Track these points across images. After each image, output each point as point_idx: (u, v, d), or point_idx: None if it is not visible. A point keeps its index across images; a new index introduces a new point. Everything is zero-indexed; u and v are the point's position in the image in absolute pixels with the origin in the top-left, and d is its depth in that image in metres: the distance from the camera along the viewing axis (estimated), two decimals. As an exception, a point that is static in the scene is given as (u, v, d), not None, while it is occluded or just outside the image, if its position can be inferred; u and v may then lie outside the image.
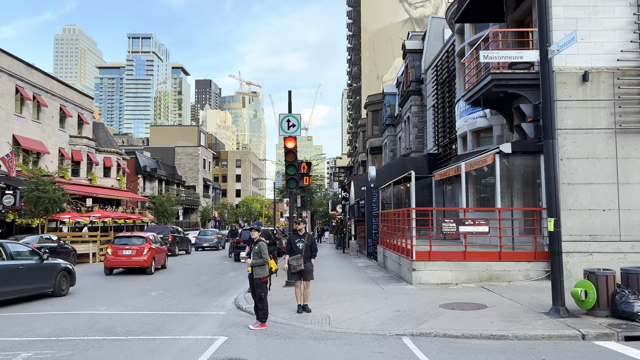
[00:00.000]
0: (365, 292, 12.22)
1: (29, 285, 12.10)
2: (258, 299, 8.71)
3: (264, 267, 8.79)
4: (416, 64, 29.95)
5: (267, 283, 8.87)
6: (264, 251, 8.77)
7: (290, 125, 13.79)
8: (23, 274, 11.88)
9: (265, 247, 8.84)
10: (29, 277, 12.08)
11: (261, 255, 8.73)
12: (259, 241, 8.96)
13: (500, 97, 14.58)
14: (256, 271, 8.77)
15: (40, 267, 12.58)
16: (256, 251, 8.83)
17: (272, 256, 12.48)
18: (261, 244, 8.85)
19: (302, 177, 13.70)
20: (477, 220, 12.90)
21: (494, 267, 12.88)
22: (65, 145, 40.03)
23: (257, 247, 8.85)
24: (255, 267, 8.77)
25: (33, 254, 12.78)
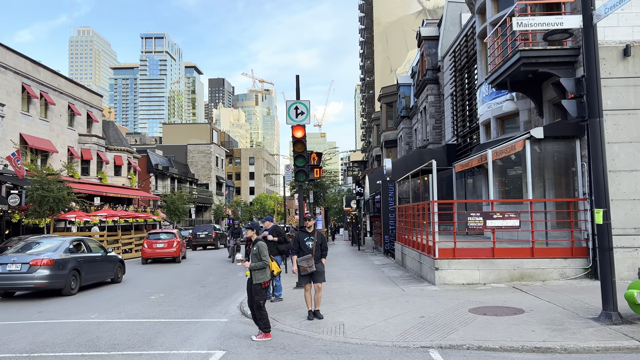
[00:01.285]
0: (384, 294, 11.06)
1: (100, 273, 15.10)
2: (256, 307, 7.62)
3: (264, 270, 7.69)
4: (432, 52, 28.59)
5: (267, 289, 7.78)
6: (263, 252, 7.67)
7: (299, 113, 12.66)
8: (98, 263, 14.98)
9: (265, 248, 7.74)
10: (101, 266, 15.11)
11: (261, 258, 7.63)
12: (257, 241, 7.87)
13: (529, 78, 13.28)
14: (256, 275, 7.67)
15: (106, 258, 15.52)
16: (255, 253, 7.73)
17: (283, 257, 11.35)
18: (260, 245, 7.75)
19: (312, 169, 12.56)
20: (506, 214, 11.64)
21: (526, 265, 11.63)
22: (75, 144, 39.42)
23: (256, 248, 7.76)
24: (254, 271, 7.68)
25: (100, 248, 15.69)
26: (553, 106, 13.57)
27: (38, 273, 12.56)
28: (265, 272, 7.68)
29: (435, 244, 11.83)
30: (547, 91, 13.66)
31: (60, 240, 14.48)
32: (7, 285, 12.68)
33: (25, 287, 12.81)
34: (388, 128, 42.76)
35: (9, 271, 12.61)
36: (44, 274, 12.61)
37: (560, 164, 13.21)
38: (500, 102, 15.72)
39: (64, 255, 13.48)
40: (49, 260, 12.82)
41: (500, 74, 13.36)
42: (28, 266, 12.62)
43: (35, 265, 12.62)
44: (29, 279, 12.52)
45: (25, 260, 12.73)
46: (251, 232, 7.97)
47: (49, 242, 14.31)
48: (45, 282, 12.65)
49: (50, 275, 12.70)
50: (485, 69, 17.57)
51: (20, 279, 12.57)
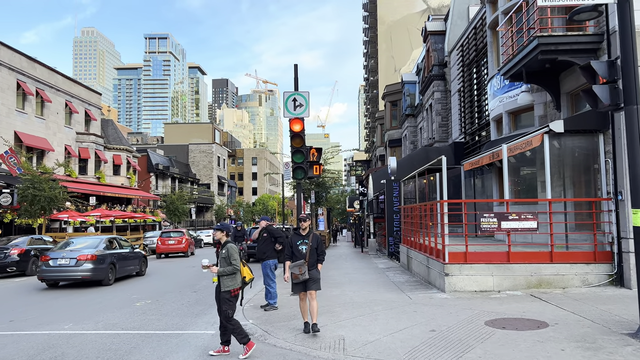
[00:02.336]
0: (389, 302, 10.08)
1: (130, 267, 17.13)
2: (224, 317, 6.71)
3: (234, 277, 6.78)
4: (438, 47, 27.60)
5: (237, 297, 6.86)
6: (233, 256, 6.75)
7: (297, 105, 11.72)
8: (128, 258, 17.07)
9: (235, 251, 6.82)
10: (130, 261, 17.17)
11: (230, 262, 6.73)
12: (227, 244, 6.94)
13: (546, 68, 12.29)
14: (224, 282, 6.76)
15: (133, 254, 17.57)
16: (224, 256, 6.81)
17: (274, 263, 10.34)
18: (230, 247, 6.83)
19: (311, 166, 11.61)
20: (522, 214, 10.65)
21: (544, 271, 10.63)
22: (72, 143, 38.63)
23: (225, 251, 6.83)
24: (222, 278, 6.77)
25: (128, 245, 17.84)
26: (583, 93, 12.60)
27: (84, 266, 14.65)
28: (235, 279, 6.76)
29: (445, 247, 10.85)
30: (565, 82, 12.67)
31: (99, 238, 16.65)
32: (59, 276, 14.79)
33: (74, 278, 14.76)
34: (392, 127, 41.76)
35: (59, 265, 14.67)
36: (89, 267, 14.68)
37: (580, 160, 12.22)
38: (513, 96, 14.72)
39: (102, 251, 15.49)
40: (92, 256, 14.88)
41: (514, 64, 12.38)
42: (75, 260, 14.70)
43: (81, 259, 14.71)
44: (76, 271, 14.61)
45: (73, 256, 14.79)
46: (220, 234, 7.01)
47: (87, 240, 16.63)
48: (89, 274, 14.66)
49: (93, 269, 14.75)
50: (497, 61, 16.58)
51: (70, 272, 14.63)
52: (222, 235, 6.99)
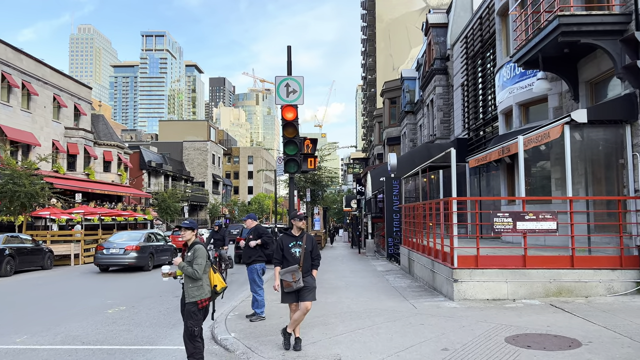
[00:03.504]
0: (391, 312, 8.93)
1: (164, 257, 20.27)
2: (188, 335, 5.59)
3: (200, 285, 5.65)
4: (440, 40, 26.50)
5: (206, 311, 5.73)
6: (197, 259, 5.61)
7: (290, 91, 10.56)
8: (163, 250, 20.57)
9: (202, 254, 5.67)
10: (163, 252, 20.48)
11: (192, 265, 5.61)
12: (194, 245, 5.79)
13: (564, 54, 11.19)
14: (189, 292, 5.64)
15: (167, 246, 21.16)
16: (189, 260, 5.67)
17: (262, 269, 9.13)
18: (197, 249, 5.70)
19: (305, 158, 10.44)
20: (540, 214, 9.53)
21: (565, 277, 9.51)
22: (60, 138, 37.33)
23: (192, 253, 5.69)
24: (187, 286, 5.66)
25: (163, 239, 21.37)
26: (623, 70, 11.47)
27: (130, 255, 18.21)
28: (202, 288, 5.63)
29: (454, 250, 9.72)
30: (584, 70, 11.56)
31: (140, 233, 20.36)
32: (110, 262, 18.40)
33: (122, 264, 18.30)
34: (391, 124, 40.68)
35: (111, 253, 18.24)
36: (134, 256, 18.23)
37: (604, 155, 11.10)
38: (525, 86, 13.61)
39: (143, 243, 18.97)
40: (136, 246, 18.47)
41: (529, 49, 11.26)
42: (124, 250, 18.24)
43: (128, 249, 18.24)
44: (124, 258, 18.14)
45: (122, 246, 18.35)
46: (190, 234, 5.84)
47: (131, 234, 20.49)
48: (134, 261, 18.22)
49: (137, 257, 18.29)
50: (505, 50, 15.47)
51: (119, 259, 18.19)
52: (192, 235, 5.83)
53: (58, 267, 21.12)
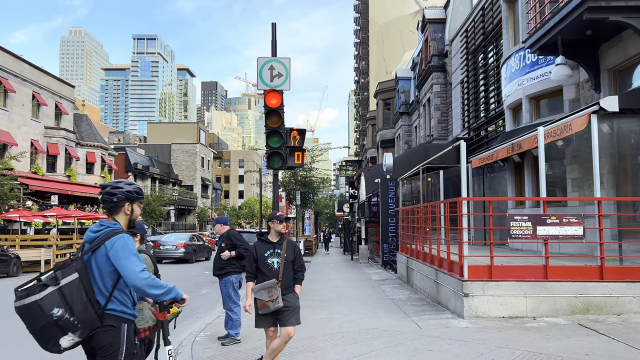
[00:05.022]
0: (392, 333, 7.52)
1: (200, 254, 26.04)
2: None
3: (139, 309, 4.19)
4: (438, 36, 25.27)
5: (148, 344, 4.30)
6: None
7: (275, 74, 9.17)
8: (202, 248, 26.51)
9: (149, 266, 4.26)
10: (202, 250, 26.38)
11: None
12: None
13: (586, 36, 9.92)
14: None
15: (204, 246, 27.16)
16: None
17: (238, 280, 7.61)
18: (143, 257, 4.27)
19: (292, 152, 9.04)
20: (565, 217, 8.19)
21: (593, 291, 8.16)
22: (40, 137, 35.65)
23: None
24: None
25: (201, 239, 27.71)
26: (616, 76, 10.21)
27: (180, 250, 24.06)
28: (142, 313, 4.22)
29: (464, 258, 8.34)
30: (607, 56, 10.28)
31: (186, 234, 27.03)
32: (165, 255, 23.86)
33: (174, 257, 24.07)
34: (385, 126, 39.40)
35: (166, 249, 23.95)
36: (183, 251, 24.07)
37: (636, 149, 9.78)
38: (537, 77, 12.31)
39: (188, 242, 24.79)
40: (184, 244, 24.33)
41: (547, 31, 9.96)
42: (175, 246, 24.04)
43: (179, 246, 24.03)
44: (176, 253, 24.00)
45: (174, 243, 24.22)
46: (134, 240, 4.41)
47: (179, 235, 27.80)
48: (183, 255, 24.00)
49: (185, 252, 24.07)
50: (513, 39, 14.20)
51: (172, 253, 23.99)
52: (135, 242, 4.39)
53: (27, 273, 19.53)
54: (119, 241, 3.07)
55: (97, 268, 3.08)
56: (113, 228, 3.15)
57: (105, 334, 3.03)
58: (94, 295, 3.03)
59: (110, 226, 3.16)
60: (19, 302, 2.92)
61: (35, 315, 2.89)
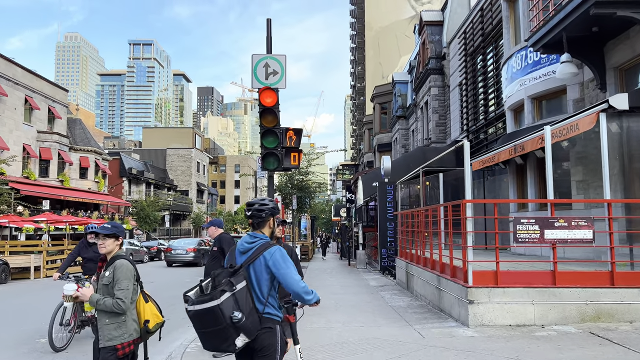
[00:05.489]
0: (394, 343, 7.13)
1: None
2: None
3: (122, 321, 3.81)
4: (435, 39, 25.01)
5: (134, 355, 3.93)
6: (121, 282, 3.80)
7: (270, 72, 8.80)
8: None
9: (128, 274, 3.87)
10: None
11: (114, 292, 3.80)
12: (116, 260, 3.94)
13: (592, 33, 9.60)
14: (105, 332, 3.78)
15: None
16: (106, 282, 3.85)
17: None
18: (120, 267, 3.87)
19: (287, 153, 8.65)
20: (573, 220, 7.82)
21: (604, 297, 7.78)
22: (32, 142, 35.18)
23: (111, 272, 3.86)
24: (102, 321, 3.79)
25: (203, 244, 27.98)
26: (622, 74, 9.88)
27: (190, 254, 25.96)
28: (126, 325, 3.81)
29: (468, 264, 7.96)
30: (613, 54, 9.96)
31: (196, 240, 28.59)
32: (176, 259, 26.09)
33: (184, 261, 26.00)
34: (382, 130, 39.11)
35: (177, 253, 26.08)
36: (192, 255, 25.91)
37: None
38: (540, 77, 12.00)
39: (197, 247, 26.62)
40: (194, 249, 26.32)
41: (551, 28, 9.64)
42: (186, 251, 26.05)
43: (189, 251, 25.84)
44: (186, 257, 25.93)
45: (184, 248, 26.29)
46: (111, 244, 3.98)
47: (189, 240, 29.45)
48: (192, 259, 25.72)
49: (195, 256, 25.86)
50: (514, 38, 13.89)
51: (182, 257, 25.98)
52: (115, 246, 4.00)
53: (17, 280, 19.06)
54: (277, 252, 3.42)
55: (255, 276, 3.42)
56: (266, 240, 3.51)
57: (265, 336, 3.39)
58: (253, 300, 3.37)
59: (262, 238, 3.51)
60: (199, 306, 3.22)
61: (216, 318, 3.17)
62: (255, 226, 3.58)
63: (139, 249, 31.47)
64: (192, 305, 3.26)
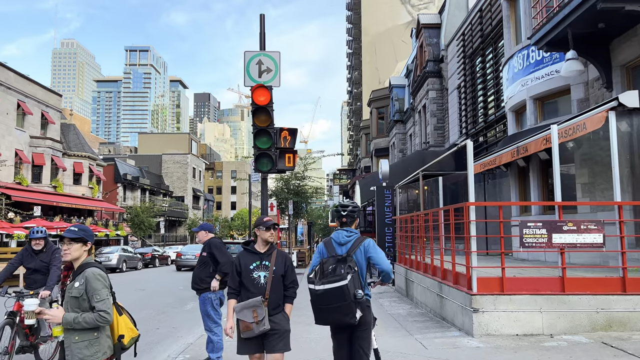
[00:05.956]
0: (395, 353, 6.72)
1: None
2: None
3: (94, 337, 3.33)
4: (433, 41, 24.72)
5: None
6: (98, 292, 3.33)
7: (263, 70, 8.41)
8: None
9: (102, 283, 3.38)
10: None
11: (92, 304, 3.32)
12: (85, 268, 3.45)
13: (598, 29, 9.25)
14: (75, 350, 3.29)
15: None
16: (76, 294, 3.37)
17: None
18: (92, 277, 3.37)
19: (282, 154, 8.24)
20: (582, 224, 7.44)
21: (616, 305, 7.39)
22: (24, 147, 34.66)
23: (82, 283, 3.38)
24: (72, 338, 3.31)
25: None
26: (629, 73, 9.54)
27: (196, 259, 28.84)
28: (99, 342, 3.35)
29: (472, 270, 7.56)
30: (620, 52, 9.62)
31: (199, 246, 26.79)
32: (186, 264, 26.88)
33: (192, 265, 21.89)
34: (379, 135, 38.76)
35: (187, 258, 27.14)
36: None
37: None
38: (543, 76, 11.64)
39: None
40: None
41: (556, 24, 9.28)
42: (194, 256, 24.98)
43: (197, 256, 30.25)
44: (194, 262, 23.14)
45: (193, 253, 26.17)
46: (78, 249, 3.49)
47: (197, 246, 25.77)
48: None
49: None
50: (515, 38, 13.55)
51: (191, 262, 25.59)
52: (82, 252, 3.54)
53: (5, 289, 18.51)
54: (371, 242, 4.42)
55: (357, 263, 4.28)
56: (358, 235, 4.44)
57: (365, 312, 4.22)
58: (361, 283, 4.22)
59: (356, 233, 4.45)
60: (329, 285, 4.04)
61: (344, 295, 3.98)
62: (348, 224, 4.47)
63: (133, 256, 30.94)
64: (320, 285, 4.08)
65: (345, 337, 4.28)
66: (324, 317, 4.14)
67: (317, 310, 4.16)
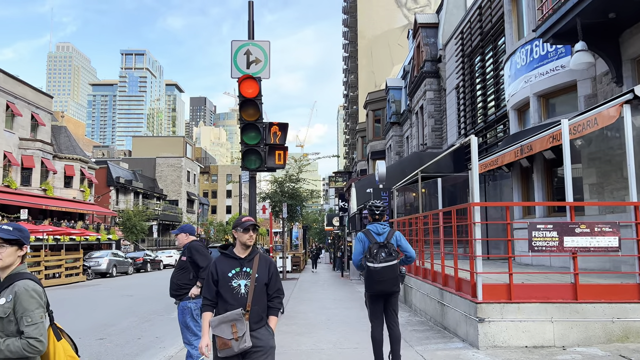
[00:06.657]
0: (393, 369, 6.08)
1: None
2: None
3: None
4: (431, 41, 24.22)
5: None
6: (30, 312, 2.65)
7: (252, 60, 7.82)
8: None
9: (35, 301, 2.69)
10: None
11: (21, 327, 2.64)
12: (16, 280, 2.76)
13: (608, 20, 8.71)
14: None
15: None
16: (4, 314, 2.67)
17: None
18: (23, 292, 2.69)
19: (271, 150, 7.64)
20: (596, 226, 6.87)
21: (632, 314, 6.81)
22: (13, 149, 33.92)
23: (11, 298, 2.68)
24: None
25: None
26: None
27: None
28: None
29: (477, 276, 6.97)
30: (630, 44, 9.09)
31: None
32: None
33: None
34: (375, 137, 38.23)
35: None
36: None
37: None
38: (547, 72, 11.10)
39: None
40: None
41: (564, 14, 8.74)
42: None
43: None
44: None
45: None
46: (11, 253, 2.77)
47: None
48: None
49: None
50: (517, 34, 13.02)
51: None
52: (16, 257, 2.89)
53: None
54: (399, 233, 5.79)
55: None
56: (390, 227, 5.78)
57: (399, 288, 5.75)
58: None
59: (388, 226, 5.74)
60: (386, 263, 5.43)
61: (395, 270, 5.47)
62: (380, 219, 5.80)
63: (124, 260, 30.23)
64: (379, 263, 5.42)
65: (381, 303, 5.67)
66: (378, 287, 5.47)
67: (374, 282, 5.46)
